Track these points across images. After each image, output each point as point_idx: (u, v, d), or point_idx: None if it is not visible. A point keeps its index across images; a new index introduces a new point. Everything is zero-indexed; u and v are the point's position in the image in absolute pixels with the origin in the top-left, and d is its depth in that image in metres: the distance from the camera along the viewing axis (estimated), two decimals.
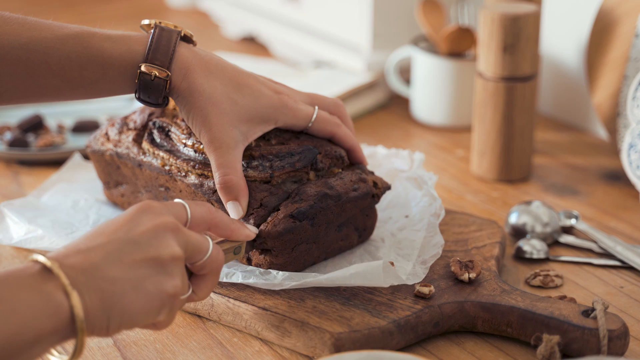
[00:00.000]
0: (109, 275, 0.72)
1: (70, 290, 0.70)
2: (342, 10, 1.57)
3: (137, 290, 0.73)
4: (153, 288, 0.74)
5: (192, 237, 0.79)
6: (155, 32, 0.92)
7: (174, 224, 0.78)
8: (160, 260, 0.75)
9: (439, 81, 1.41)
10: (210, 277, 0.83)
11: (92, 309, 0.71)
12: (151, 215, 0.77)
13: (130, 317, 0.73)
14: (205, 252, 0.81)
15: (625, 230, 1.12)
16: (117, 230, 0.75)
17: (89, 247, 0.73)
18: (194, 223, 0.83)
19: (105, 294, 0.72)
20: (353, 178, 0.98)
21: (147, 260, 0.75)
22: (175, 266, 0.77)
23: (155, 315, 0.76)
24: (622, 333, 0.86)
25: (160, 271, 0.75)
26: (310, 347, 0.88)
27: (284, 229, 0.92)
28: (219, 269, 0.83)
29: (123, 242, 0.74)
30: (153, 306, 0.75)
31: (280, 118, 0.97)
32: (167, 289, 0.75)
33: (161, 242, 0.76)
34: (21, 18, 0.91)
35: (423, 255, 0.96)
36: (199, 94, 0.92)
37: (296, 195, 0.94)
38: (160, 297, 0.75)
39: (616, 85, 1.25)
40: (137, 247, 0.75)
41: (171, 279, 0.76)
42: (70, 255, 0.72)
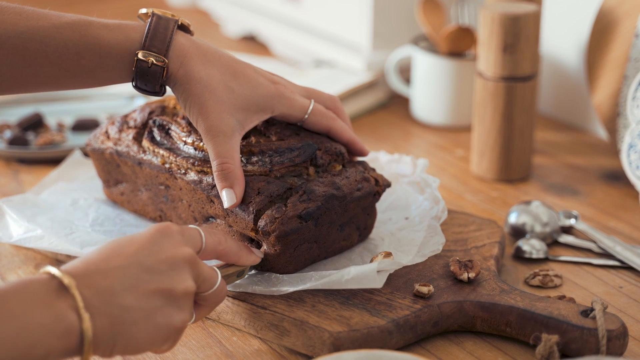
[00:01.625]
0: (122, 303, 0.73)
1: (84, 313, 0.71)
2: (342, 9, 1.57)
3: (147, 321, 0.75)
4: (163, 320, 0.76)
5: (204, 271, 0.81)
6: (152, 20, 0.93)
7: (191, 256, 0.79)
8: (174, 293, 0.76)
9: (439, 81, 1.41)
10: (207, 309, 0.84)
11: (101, 332, 0.72)
12: (171, 243, 0.78)
13: (135, 345, 0.75)
14: (213, 286, 0.82)
15: (625, 231, 1.12)
16: (136, 253, 0.76)
17: (107, 268, 0.74)
18: (206, 251, 0.85)
19: (116, 320, 0.73)
20: (358, 177, 0.98)
21: (162, 291, 0.76)
22: (186, 300, 0.78)
23: (160, 345, 0.77)
24: (621, 333, 0.86)
25: (172, 304, 0.76)
26: (309, 346, 0.88)
27: (291, 229, 0.92)
28: (218, 304, 0.84)
29: (141, 269, 0.75)
30: (160, 337, 0.76)
31: (276, 107, 0.97)
32: (175, 322, 0.77)
33: (177, 275, 0.77)
34: (18, 7, 0.91)
35: (422, 250, 0.96)
36: (196, 81, 0.93)
37: (304, 193, 0.94)
38: (168, 329, 0.76)
39: (616, 85, 1.25)
40: (153, 277, 0.76)
41: (181, 313, 0.77)
42: (88, 275, 0.73)
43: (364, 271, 0.89)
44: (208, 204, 0.97)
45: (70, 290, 0.71)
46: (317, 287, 0.90)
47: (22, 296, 0.70)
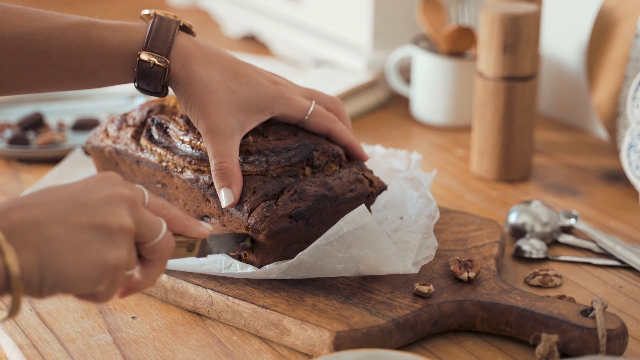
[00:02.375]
0: (49, 233, 0.69)
1: (6, 248, 0.67)
2: (343, 9, 1.57)
3: (77, 254, 0.70)
4: (95, 256, 0.71)
5: (146, 215, 0.76)
6: (154, 21, 0.93)
7: (131, 197, 0.75)
8: (108, 228, 0.72)
9: (439, 81, 1.41)
10: (157, 264, 0.79)
11: (27, 266, 0.68)
12: (110, 184, 0.75)
13: (65, 281, 0.70)
14: (157, 234, 0.77)
15: (625, 230, 1.12)
16: (70, 192, 0.73)
17: (35, 202, 0.71)
18: (150, 209, 0.80)
19: (42, 252, 0.69)
20: (351, 178, 0.98)
21: (94, 225, 0.72)
22: (123, 237, 0.73)
23: (94, 284, 0.72)
24: (621, 333, 0.87)
25: (106, 239, 0.72)
26: (310, 346, 0.88)
27: (280, 228, 0.92)
28: (167, 257, 0.79)
29: (72, 204, 0.71)
30: (92, 274, 0.71)
31: (277, 108, 0.97)
32: (109, 258, 0.72)
33: (113, 210, 0.73)
34: (21, 8, 0.91)
35: (416, 257, 0.96)
36: (197, 82, 0.93)
37: (295, 193, 0.94)
38: (102, 265, 0.72)
39: (616, 85, 1.25)
40: (86, 211, 0.72)
41: (116, 250, 0.73)
42: (12, 209, 0.70)
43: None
44: (204, 202, 0.97)
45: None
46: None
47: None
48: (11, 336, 0.91)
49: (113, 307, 0.96)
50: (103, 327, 0.92)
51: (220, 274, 0.94)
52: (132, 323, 0.93)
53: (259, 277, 0.92)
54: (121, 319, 0.94)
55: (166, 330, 0.92)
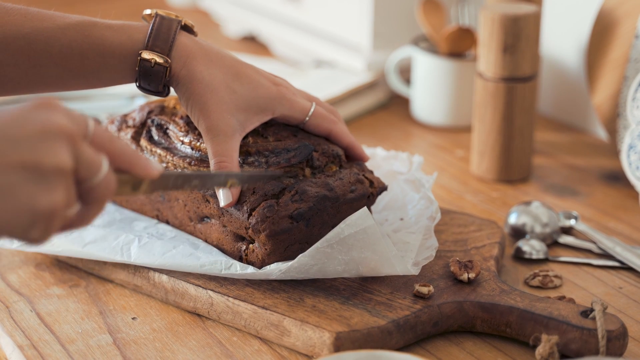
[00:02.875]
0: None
1: None
2: (343, 9, 1.57)
3: (4, 199, 0.64)
4: (24, 198, 0.64)
5: (85, 152, 0.68)
6: (155, 20, 0.93)
7: (70, 130, 0.67)
8: (40, 167, 0.65)
9: (439, 81, 1.41)
10: (95, 205, 0.71)
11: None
12: (47, 114, 0.67)
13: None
14: (97, 172, 0.69)
15: (625, 231, 1.12)
16: (1, 122, 0.65)
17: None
18: (93, 141, 0.71)
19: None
20: (351, 179, 0.98)
21: (24, 164, 0.64)
22: (58, 178, 0.66)
23: (25, 229, 0.65)
24: (621, 334, 0.87)
25: (38, 181, 0.65)
26: (310, 347, 0.88)
27: (281, 229, 0.92)
28: (107, 198, 0.71)
29: (2, 138, 0.64)
30: (22, 219, 0.65)
31: (277, 108, 0.98)
32: (41, 202, 0.65)
33: (48, 148, 0.65)
34: (23, 9, 0.91)
35: (416, 258, 0.96)
36: (198, 81, 0.93)
37: (296, 193, 0.94)
38: (32, 210, 0.65)
39: (616, 86, 1.25)
40: (16, 147, 0.64)
41: (49, 193, 0.65)
42: None
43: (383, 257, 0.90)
44: (203, 203, 0.97)
45: None
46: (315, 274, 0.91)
47: None
48: (11, 337, 0.91)
49: (113, 308, 0.96)
50: (103, 328, 0.93)
51: (220, 275, 0.94)
52: (132, 324, 0.93)
53: (259, 277, 0.92)
54: (121, 320, 0.94)
55: (166, 331, 0.92)
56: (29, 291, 0.98)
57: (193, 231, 1.00)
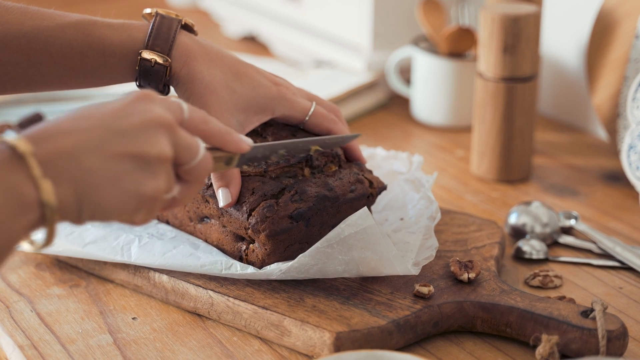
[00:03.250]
0: (85, 165, 0.68)
1: (41, 183, 0.65)
2: (343, 9, 1.57)
3: (114, 185, 0.69)
4: (132, 185, 0.70)
5: (183, 138, 0.74)
6: (156, 19, 0.93)
7: (168, 120, 0.73)
8: (145, 157, 0.70)
9: (439, 81, 1.41)
10: (193, 185, 0.77)
11: (64, 198, 0.67)
12: (147, 106, 0.72)
13: (103, 211, 0.69)
14: (194, 157, 0.75)
15: (625, 231, 1.12)
16: (105, 116, 0.70)
17: (71, 129, 0.68)
18: (189, 125, 0.77)
19: (79, 184, 0.67)
20: (351, 179, 0.98)
21: (131, 155, 0.70)
22: (160, 166, 0.72)
23: (131, 214, 0.71)
24: (621, 334, 0.87)
25: (143, 169, 0.70)
26: (310, 347, 0.88)
27: (281, 229, 0.92)
28: (204, 177, 0.77)
29: (109, 131, 0.69)
30: (129, 205, 0.70)
31: (277, 108, 0.98)
32: (146, 189, 0.71)
33: (150, 138, 0.71)
34: (23, 7, 0.91)
35: (416, 257, 0.96)
36: (199, 81, 0.93)
37: (296, 193, 0.94)
38: (139, 196, 0.70)
39: (616, 86, 1.25)
40: (123, 139, 0.70)
41: (153, 180, 0.71)
42: (49, 138, 0.67)
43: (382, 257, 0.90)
44: (203, 203, 0.97)
45: (25, 159, 0.65)
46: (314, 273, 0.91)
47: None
48: (11, 337, 0.91)
49: (113, 308, 0.96)
50: (103, 328, 0.93)
51: (220, 275, 0.94)
52: (132, 324, 0.93)
53: (259, 277, 0.92)
54: (121, 320, 0.94)
55: (166, 331, 0.92)
56: (29, 291, 0.99)
57: (193, 231, 1.00)
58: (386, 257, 0.90)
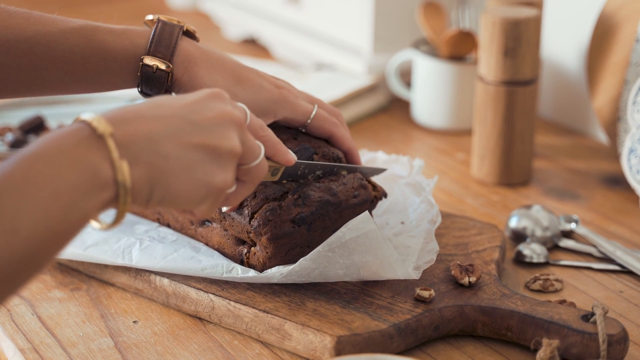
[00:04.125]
0: (162, 150, 0.71)
1: (119, 164, 0.68)
2: (343, 12, 1.57)
3: (187, 173, 0.72)
4: (203, 176, 0.73)
5: (250, 138, 0.79)
6: (158, 26, 0.94)
7: (240, 118, 0.77)
8: (218, 150, 0.74)
9: (439, 84, 1.41)
10: (248, 185, 0.81)
11: (138, 180, 0.69)
12: (220, 104, 0.76)
13: (172, 197, 0.72)
14: (257, 158, 0.80)
15: (625, 235, 1.12)
16: (182, 107, 0.74)
17: (150, 115, 0.71)
18: (250, 129, 0.81)
19: (153, 168, 0.70)
20: (355, 184, 0.98)
21: (205, 146, 0.73)
22: (230, 160, 0.75)
23: (198, 203, 0.74)
24: (622, 338, 0.87)
25: (215, 161, 0.74)
26: (311, 350, 0.88)
27: (283, 233, 0.92)
28: (259, 180, 0.81)
29: (186, 121, 0.73)
30: (198, 194, 0.73)
31: (279, 112, 0.98)
32: (216, 181, 0.74)
33: (224, 133, 0.75)
34: (26, 12, 0.91)
35: (417, 261, 0.96)
36: (200, 86, 0.93)
37: (299, 197, 0.94)
38: (208, 186, 0.74)
39: (616, 89, 1.25)
40: (198, 130, 0.73)
41: (223, 172, 0.75)
42: (129, 121, 0.70)
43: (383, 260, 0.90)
44: None
45: (104, 140, 0.67)
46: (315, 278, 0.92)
47: (51, 156, 0.66)
48: (12, 340, 0.91)
49: (114, 312, 0.96)
50: (104, 332, 0.93)
51: (221, 278, 0.94)
52: (133, 327, 0.94)
53: (260, 281, 0.92)
54: (122, 323, 0.94)
55: (167, 334, 0.93)
56: (30, 294, 0.99)
57: (194, 235, 1.00)
58: (387, 262, 0.90)
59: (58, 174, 0.65)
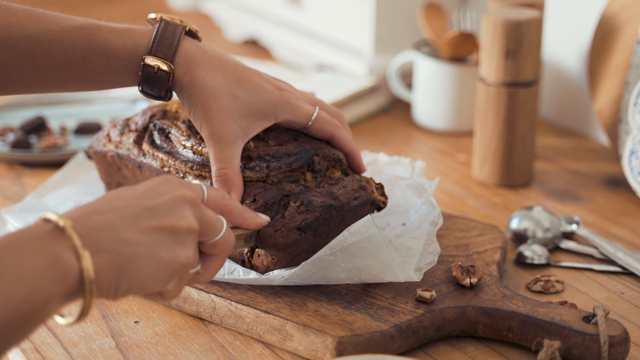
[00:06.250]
0: (123, 237, 0.72)
1: (82, 252, 0.69)
2: (345, 14, 1.57)
3: (150, 256, 0.73)
4: (166, 255, 0.74)
5: (208, 214, 0.80)
6: (160, 25, 0.93)
7: (192, 197, 0.78)
8: (176, 229, 0.75)
9: (440, 86, 1.41)
10: (218, 259, 0.82)
11: (103, 269, 0.70)
12: (171, 187, 0.78)
13: (140, 282, 0.73)
14: (219, 231, 0.80)
15: (626, 236, 1.12)
16: (136, 197, 0.76)
17: (106, 208, 0.73)
18: (209, 203, 0.83)
19: (117, 255, 0.71)
20: (354, 186, 0.98)
21: (164, 228, 0.75)
22: (189, 238, 0.77)
23: (165, 282, 0.75)
24: (623, 339, 0.87)
25: (175, 240, 0.75)
26: (312, 351, 0.88)
27: (291, 241, 0.91)
28: (228, 251, 0.82)
29: (141, 208, 0.74)
30: (164, 273, 0.74)
31: (280, 114, 0.98)
32: (179, 258, 0.75)
33: (179, 213, 0.76)
34: (28, 10, 0.91)
35: (418, 263, 0.96)
36: (201, 87, 0.93)
37: (302, 204, 0.94)
38: (173, 265, 0.75)
39: (618, 91, 1.25)
40: (155, 214, 0.75)
41: (184, 250, 0.76)
42: (86, 215, 0.72)
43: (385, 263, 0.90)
44: None
45: (66, 231, 0.69)
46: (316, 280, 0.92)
47: (16, 246, 0.67)
48: None
49: (116, 312, 0.96)
50: (106, 332, 0.93)
51: (223, 280, 0.94)
52: (134, 328, 0.94)
53: (262, 283, 0.92)
54: (124, 324, 0.94)
55: (169, 334, 0.93)
56: None
57: None
58: (389, 265, 0.90)
59: (22, 261, 0.67)
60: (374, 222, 0.90)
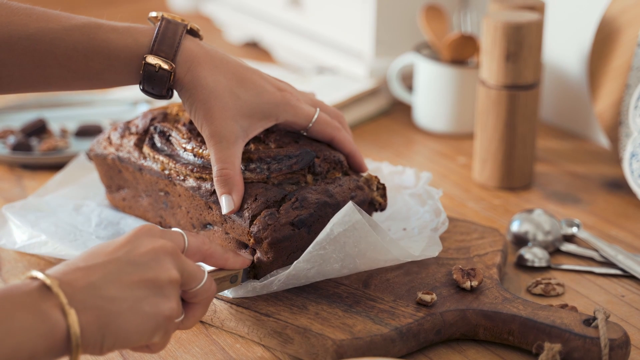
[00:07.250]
0: (106, 294, 0.73)
1: (68, 310, 0.71)
2: (345, 16, 1.57)
3: (134, 310, 0.74)
4: (149, 309, 0.76)
5: (188, 264, 0.81)
6: (161, 24, 0.93)
7: (173, 248, 0.79)
8: (158, 282, 0.77)
9: (441, 88, 1.41)
10: (200, 307, 0.84)
11: (88, 326, 0.72)
12: (151, 238, 0.79)
13: (124, 337, 0.74)
14: (200, 281, 0.82)
15: (627, 239, 1.12)
16: (116, 251, 0.77)
17: (88, 265, 0.75)
18: (190, 252, 0.85)
19: (102, 312, 0.73)
20: (351, 185, 0.98)
21: (145, 281, 0.76)
22: (172, 289, 0.78)
23: (150, 336, 0.77)
24: (623, 342, 0.87)
25: (158, 293, 0.76)
26: (313, 354, 0.88)
27: (283, 236, 0.92)
28: (209, 300, 0.84)
29: (122, 263, 0.76)
30: (148, 327, 0.76)
31: (281, 115, 0.98)
32: (163, 310, 0.76)
33: (160, 265, 0.77)
34: (29, 8, 0.91)
35: (424, 252, 0.96)
36: (202, 87, 0.93)
37: (297, 200, 0.94)
38: (156, 318, 0.76)
39: (618, 94, 1.25)
40: (136, 268, 0.76)
41: (168, 301, 0.77)
42: (69, 273, 0.73)
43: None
44: (206, 210, 0.97)
45: (52, 289, 0.71)
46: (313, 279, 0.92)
47: (5, 301, 0.70)
48: None
49: None
50: None
51: (223, 297, 0.94)
52: None
53: (260, 293, 0.92)
54: None
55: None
56: None
57: None
58: (380, 245, 0.90)
59: (11, 316, 0.69)
60: (356, 207, 0.90)
